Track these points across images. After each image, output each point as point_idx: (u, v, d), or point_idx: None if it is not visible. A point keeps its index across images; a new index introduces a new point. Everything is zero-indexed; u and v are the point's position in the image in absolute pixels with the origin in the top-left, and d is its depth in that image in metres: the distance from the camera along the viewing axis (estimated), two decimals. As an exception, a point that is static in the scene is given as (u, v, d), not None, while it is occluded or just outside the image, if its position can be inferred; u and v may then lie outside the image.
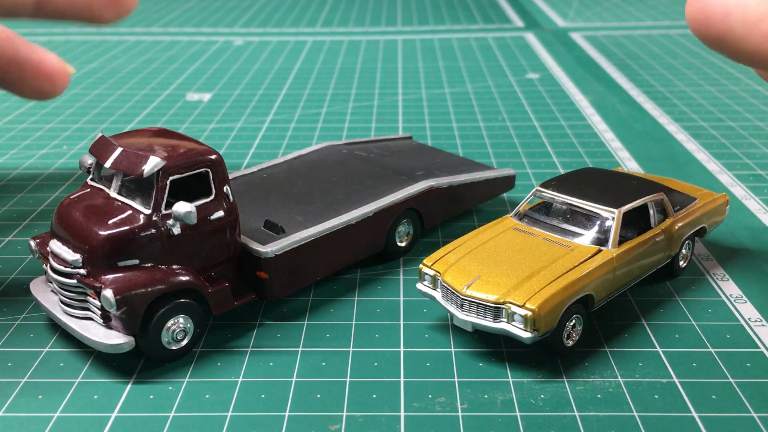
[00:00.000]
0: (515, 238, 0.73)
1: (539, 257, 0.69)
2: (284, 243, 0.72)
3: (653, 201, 0.76)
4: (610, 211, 0.72)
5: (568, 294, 0.65)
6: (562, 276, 0.66)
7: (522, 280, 0.66)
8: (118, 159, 0.67)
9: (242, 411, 0.61)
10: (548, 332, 0.65)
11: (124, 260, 0.64)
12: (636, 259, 0.73)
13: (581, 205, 0.74)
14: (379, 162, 0.93)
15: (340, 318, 0.74)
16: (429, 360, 0.68)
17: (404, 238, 0.85)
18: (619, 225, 0.72)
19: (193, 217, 0.65)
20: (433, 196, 0.86)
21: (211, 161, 0.68)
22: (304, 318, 0.74)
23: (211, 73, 1.66)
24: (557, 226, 0.75)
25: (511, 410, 0.61)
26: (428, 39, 1.98)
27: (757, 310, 0.75)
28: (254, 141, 1.23)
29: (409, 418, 0.60)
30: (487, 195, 0.95)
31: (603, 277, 0.69)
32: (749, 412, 0.61)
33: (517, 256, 0.70)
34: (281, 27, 2.16)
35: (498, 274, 0.67)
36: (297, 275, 0.74)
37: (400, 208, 0.82)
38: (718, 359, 0.67)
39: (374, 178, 0.87)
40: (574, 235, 0.73)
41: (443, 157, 0.98)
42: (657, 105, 1.40)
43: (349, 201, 0.81)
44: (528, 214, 0.77)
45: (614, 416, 0.60)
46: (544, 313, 0.63)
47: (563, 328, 0.66)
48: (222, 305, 0.69)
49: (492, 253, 0.71)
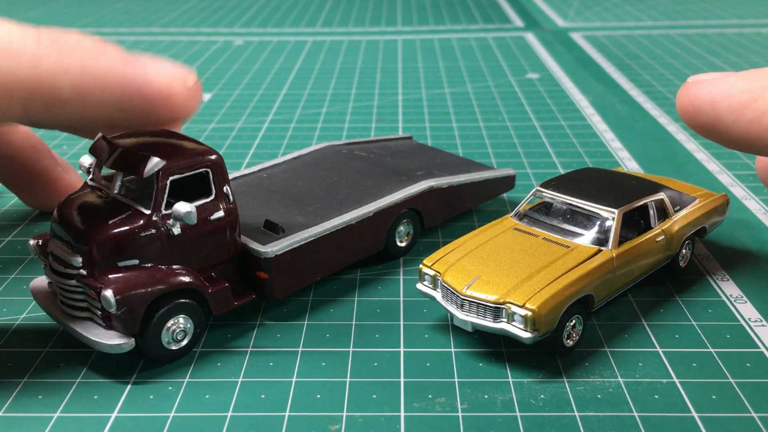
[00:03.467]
0: (515, 238, 0.73)
1: (539, 257, 0.69)
2: (284, 243, 0.72)
3: (653, 201, 0.76)
4: (610, 211, 0.72)
5: (568, 294, 0.65)
6: (562, 276, 0.66)
7: (522, 281, 0.66)
8: (118, 159, 0.67)
9: (242, 411, 0.61)
10: (548, 332, 0.65)
11: (124, 260, 0.64)
12: (636, 260, 0.73)
13: (581, 205, 0.74)
14: (379, 162, 0.93)
15: (340, 318, 0.74)
16: (429, 360, 0.68)
17: (404, 238, 0.85)
18: (619, 225, 0.72)
19: (194, 217, 0.65)
20: (433, 196, 0.86)
21: (211, 161, 0.68)
22: (304, 318, 0.74)
23: (211, 73, 1.66)
24: (557, 226, 0.75)
25: (511, 410, 0.61)
26: (428, 39, 1.98)
27: (757, 310, 0.75)
28: (254, 141, 1.23)
29: (409, 418, 0.60)
30: (488, 195, 0.95)
31: (603, 278, 0.69)
32: (749, 412, 0.61)
33: (517, 256, 0.70)
34: (281, 27, 2.16)
35: (498, 275, 0.67)
36: (297, 275, 0.74)
37: (399, 208, 0.82)
38: (718, 359, 0.67)
39: (374, 179, 0.87)
40: (574, 236, 0.73)
41: (443, 157, 0.98)
42: (657, 105, 1.40)
43: (348, 201, 0.81)
44: (528, 214, 0.77)
45: (614, 416, 0.60)
46: (544, 313, 0.63)
47: (563, 329, 0.66)
48: (222, 305, 0.69)
49: (492, 254, 0.71)
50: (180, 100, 0.71)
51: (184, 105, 0.72)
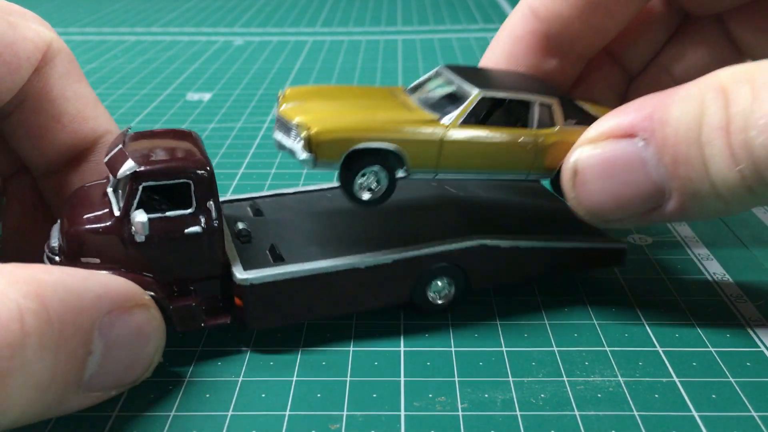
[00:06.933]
0: (377, 92, 0.73)
1: (375, 105, 0.69)
2: (266, 273, 0.66)
3: (538, 102, 0.71)
4: (472, 89, 0.70)
5: (360, 133, 0.64)
6: (366, 118, 0.66)
7: (330, 111, 0.66)
8: (113, 157, 0.66)
9: (243, 410, 0.61)
10: (332, 164, 0.64)
11: (86, 257, 0.64)
12: (481, 147, 0.69)
13: (457, 84, 0.72)
14: (464, 203, 0.80)
15: (340, 317, 0.74)
16: (429, 359, 0.68)
17: (442, 296, 0.73)
18: (472, 105, 0.69)
19: (144, 228, 0.62)
20: (485, 254, 0.72)
21: (193, 174, 0.64)
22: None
23: (211, 73, 1.66)
24: (427, 96, 0.73)
25: (512, 409, 0.61)
26: (428, 39, 1.98)
27: (757, 309, 0.75)
28: (254, 141, 1.23)
29: (409, 417, 0.60)
30: (580, 266, 0.79)
31: (419, 142, 0.67)
32: (749, 412, 0.61)
33: (356, 99, 0.69)
34: (281, 27, 2.16)
35: (319, 105, 0.68)
36: (280, 311, 0.68)
37: (431, 262, 0.71)
38: (718, 359, 0.67)
39: (434, 221, 0.76)
40: (434, 108, 0.70)
41: (563, 212, 0.77)
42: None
43: (377, 241, 0.72)
44: (418, 87, 0.76)
45: (614, 415, 0.60)
46: (323, 139, 0.63)
47: (355, 173, 0.65)
48: (187, 323, 0.65)
49: (339, 94, 0.71)
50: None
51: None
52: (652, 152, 0.62)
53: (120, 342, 0.56)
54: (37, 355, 0.50)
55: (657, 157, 0.62)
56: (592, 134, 0.66)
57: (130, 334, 0.57)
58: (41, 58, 0.71)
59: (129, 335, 0.57)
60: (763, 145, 0.56)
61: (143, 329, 0.59)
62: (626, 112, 0.65)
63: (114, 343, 0.56)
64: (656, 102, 0.63)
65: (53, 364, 0.51)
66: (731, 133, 0.58)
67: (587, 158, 0.66)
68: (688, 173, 0.61)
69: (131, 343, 0.58)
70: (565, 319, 0.73)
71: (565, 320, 0.73)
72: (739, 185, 0.59)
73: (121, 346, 0.57)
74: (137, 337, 0.58)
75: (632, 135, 0.63)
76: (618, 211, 0.66)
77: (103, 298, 0.55)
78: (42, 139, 0.73)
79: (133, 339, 0.58)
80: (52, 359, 0.51)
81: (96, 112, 0.76)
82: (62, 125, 0.73)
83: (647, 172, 0.63)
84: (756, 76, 0.58)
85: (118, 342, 0.56)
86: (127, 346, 0.58)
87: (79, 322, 0.53)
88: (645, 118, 0.63)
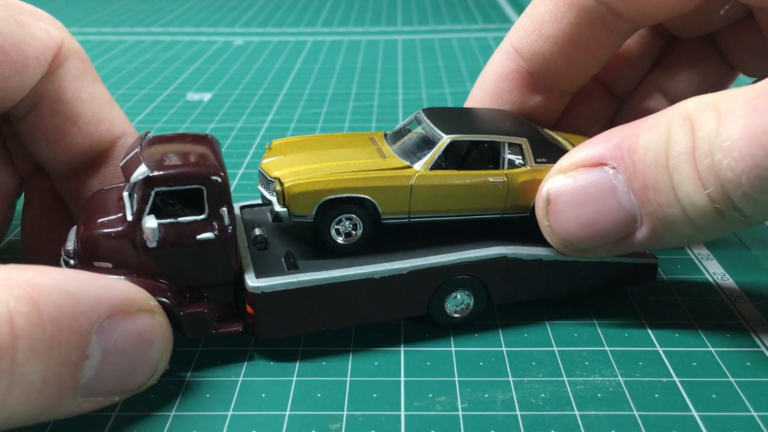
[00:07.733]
0: (357, 139, 0.75)
1: (350, 154, 0.70)
2: (277, 281, 0.65)
3: (507, 143, 0.72)
4: (441, 135, 0.71)
5: (332, 185, 0.67)
6: (340, 170, 0.68)
7: (305, 165, 0.68)
8: (128, 161, 0.66)
9: (243, 410, 0.61)
10: (307, 216, 0.67)
11: (99, 261, 0.64)
12: (452, 190, 0.70)
13: (429, 126, 0.73)
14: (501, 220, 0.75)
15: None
16: (429, 359, 0.68)
17: (460, 309, 0.71)
18: (440, 149, 0.70)
19: (153, 234, 0.62)
20: (505, 267, 0.71)
21: (207, 180, 0.64)
22: (304, 317, 0.74)
23: (211, 73, 1.66)
24: (404, 142, 0.74)
25: (512, 409, 0.61)
26: (428, 39, 1.98)
27: (757, 309, 0.75)
28: (254, 141, 1.23)
29: (409, 417, 0.60)
30: (606, 282, 0.75)
31: (389, 189, 0.68)
32: (749, 411, 0.61)
33: (335, 150, 0.71)
34: (281, 27, 2.16)
35: (298, 157, 0.70)
36: (292, 320, 0.67)
37: (449, 273, 0.69)
38: (718, 358, 0.67)
39: (455, 231, 0.74)
40: (407, 152, 0.72)
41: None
42: (657, 105, 1.40)
43: (400, 251, 0.70)
44: (397, 133, 0.76)
45: (614, 415, 0.60)
46: (294, 192, 0.66)
47: (330, 220, 0.68)
48: (198, 330, 0.65)
49: (321, 145, 0.73)
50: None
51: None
52: (622, 180, 0.64)
53: (120, 347, 0.56)
54: (27, 358, 0.49)
55: (627, 185, 0.64)
56: (564, 164, 0.68)
57: (131, 339, 0.57)
58: (54, 60, 0.71)
59: (130, 340, 0.57)
60: (729, 168, 0.57)
61: (146, 335, 0.58)
62: (596, 142, 0.67)
63: (113, 348, 0.55)
64: (625, 132, 0.65)
65: (45, 367, 0.51)
66: (698, 158, 0.59)
67: (559, 187, 0.67)
68: (657, 199, 0.62)
69: (132, 349, 0.57)
70: (565, 319, 0.73)
71: (565, 320, 0.73)
72: (709, 209, 0.59)
73: (121, 351, 0.56)
74: (139, 342, 0.57)
75: (602, 164, 0.65)
76: (591, 239, 0.67)
77: (102, 301, 0.55)
78: (58, 141, 0.73)
79: (135, 344, 0.57)
80: (44, 362, 0.51)
81: (112, 113, 0.76)
82: (78, 127, 0.73)
83: (618, 199, 0.64)
84: (720, 103, 0.59)
85: (118, 347, 0.56)
86: (128, 351, 0.57)
87: (75, 326, 0.52)
88: (614, 147, 0.64)
